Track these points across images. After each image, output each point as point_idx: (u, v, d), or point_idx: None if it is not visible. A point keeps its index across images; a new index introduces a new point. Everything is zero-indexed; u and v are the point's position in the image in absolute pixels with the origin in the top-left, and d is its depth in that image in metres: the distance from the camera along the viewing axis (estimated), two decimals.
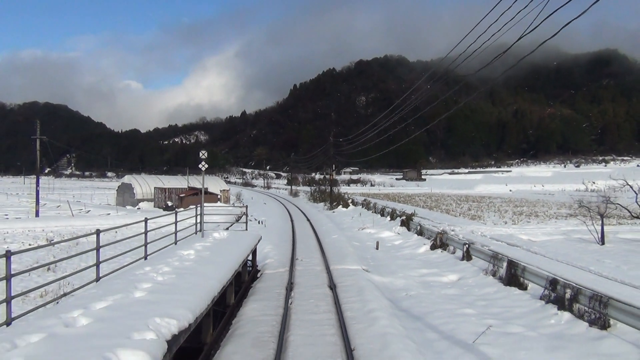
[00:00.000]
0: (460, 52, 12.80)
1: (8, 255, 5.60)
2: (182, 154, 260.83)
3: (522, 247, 18.35)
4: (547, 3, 8.16)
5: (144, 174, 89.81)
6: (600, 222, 20.64)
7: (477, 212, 38.33)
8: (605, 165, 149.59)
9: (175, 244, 12.30)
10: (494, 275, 13.49)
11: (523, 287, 11.93)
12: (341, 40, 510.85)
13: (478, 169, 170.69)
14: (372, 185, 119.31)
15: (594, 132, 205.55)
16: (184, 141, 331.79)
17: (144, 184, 55.81)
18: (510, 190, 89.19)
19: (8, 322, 5.60)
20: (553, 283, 10.56)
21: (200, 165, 12.92)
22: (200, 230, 13.58)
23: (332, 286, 12.13)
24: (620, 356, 7.50)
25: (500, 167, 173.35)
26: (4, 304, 5.72)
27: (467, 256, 15.88)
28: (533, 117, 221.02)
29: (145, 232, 10.15)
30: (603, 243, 20.36)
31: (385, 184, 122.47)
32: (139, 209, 50.92)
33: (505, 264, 12.97)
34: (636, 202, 21.44)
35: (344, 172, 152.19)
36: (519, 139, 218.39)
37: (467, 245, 16.14)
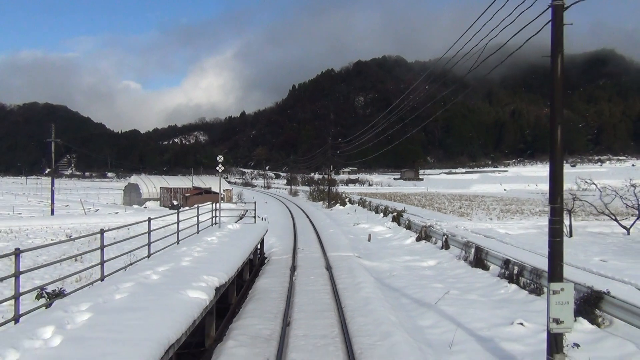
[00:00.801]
0: (458, 52, 13.08)
1: (101, 232, 8.07)
2: (182, 154, 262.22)
3: (497, 238, 20.82)
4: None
5: (144, 174, 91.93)
6: (577, 217, 23.18)
7: (466, 210, 40.81)
8: (601, 165, 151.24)
9: (197, 233, 14.77)
10: (465, 260, 15.98)
11: (486, 268, 14.43)
12: (339, 41, 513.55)
13: (475, 169, 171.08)
14: (370, 185, 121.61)
15: (590, 132, 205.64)
16: (183, 141, 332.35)
17: (150, 184, 58.12)
18: (504, 190, 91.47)
19: (102, 279, 8.08)
20: (506, 262, 13.06)
21: (217, 168, 15.37)
22: (218, 223, 16.05)
23: (328, 267, 14.64)
24: (541, 311, 9.97)
25: (497, 166, 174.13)
26: (97, 267, 8.21)
27: (445, 245, 18.39)
28: (530, 117, 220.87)
29: (178, 222, 12.61)
30: (571, 235, 22.87)
31: (382, 183, 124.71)
32: (145, 207, 53.16)
33: (473, 250, 15.47)
34: (600, 199, 23.99)
35: (343, 172, 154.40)
36: (516, 139, 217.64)
37: (445, 237, 18.67)
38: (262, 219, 33.28)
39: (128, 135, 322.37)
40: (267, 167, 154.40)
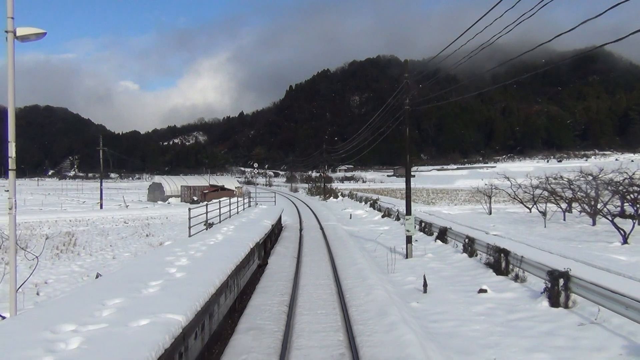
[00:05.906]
0: (450, 51, 13.60)
1: (219, 202, 18.14)
2: (182, 154, 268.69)
3: (436, 215, 30.89)
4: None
5: (145, 174, 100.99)
6: (514, 201, 33.24)
7: (435, 200, 50.95)
8: (586, 160, 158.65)
9: (244, 209, 24.88)
10: None
11: None
12: (334, 42, 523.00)
13: (466, 165, 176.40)
14: (363, 181, 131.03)
15: (578, 128, 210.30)
16: (183, 142, 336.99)
17: (172, 183, 68.05)
18: (485, 184, 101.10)
19: (220, 221, 18.16)
20: (421, 222, 23.21)
21: (255, 170, 25.37)
22: (255, 204, 26.19)
23: (322, 228, 24.84)
24: (428, 242, 20.08)
25: (487, 162, 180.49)
26: (217, 217, 18.31)
27: (397, 218, 28.58)
28: (520, 114, 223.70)
29: (230, 204, 22.56)
30: (490, 213, 33.07)
31: (376, 180, 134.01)
32: (169, 203, 62.93)
33: None
34: (511, 188, 34.24)
35: (339, 170, 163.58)
36: (506, 136, 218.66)
37: (397, 212, 28.85)
38: None
39: (129, 136, 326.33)
40: (266, 166, 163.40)
